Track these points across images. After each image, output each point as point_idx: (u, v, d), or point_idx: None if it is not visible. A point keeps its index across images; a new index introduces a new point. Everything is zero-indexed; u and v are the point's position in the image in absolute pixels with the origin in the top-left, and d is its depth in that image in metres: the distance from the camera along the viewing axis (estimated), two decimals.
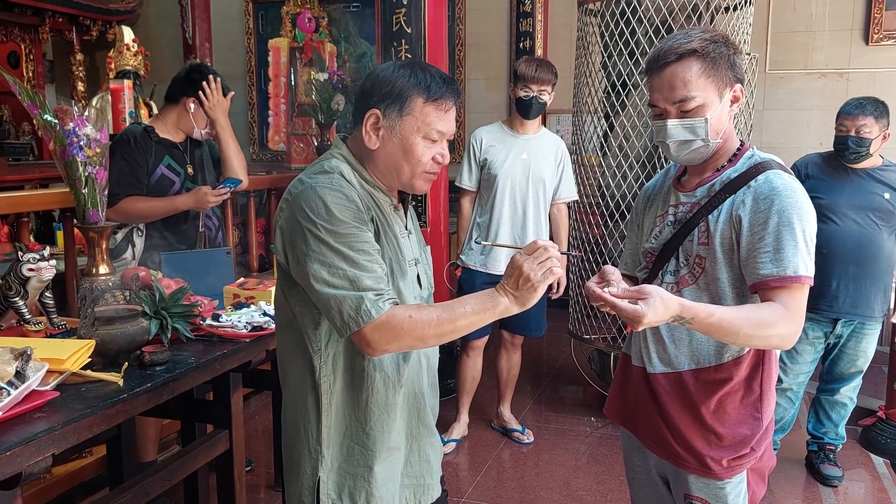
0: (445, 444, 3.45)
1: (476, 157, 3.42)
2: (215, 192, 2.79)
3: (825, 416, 3.24)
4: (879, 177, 2.97)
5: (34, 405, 1.51)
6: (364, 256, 1.33)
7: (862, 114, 2.88)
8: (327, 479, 1.45)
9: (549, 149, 3.42)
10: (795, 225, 1.43)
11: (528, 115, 3.34)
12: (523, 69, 3.29)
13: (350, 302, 1.30)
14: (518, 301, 1.33)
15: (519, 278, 1.31)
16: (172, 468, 2.02)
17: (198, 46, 6.15)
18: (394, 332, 1.31)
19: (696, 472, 1.58)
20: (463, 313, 1.33)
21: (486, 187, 3.41)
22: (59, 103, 1.99)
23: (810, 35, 5.71)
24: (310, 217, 1.33)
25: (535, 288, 1.31)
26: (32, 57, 6.75)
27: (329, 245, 1.32)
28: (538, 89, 3.27)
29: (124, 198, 2.70)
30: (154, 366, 1.79)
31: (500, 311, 1.33)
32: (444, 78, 1.43)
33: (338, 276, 1.31)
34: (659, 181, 1.76)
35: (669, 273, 1.60)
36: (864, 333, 3.08)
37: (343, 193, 1.36)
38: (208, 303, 2.21)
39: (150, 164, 2.77)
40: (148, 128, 2.83)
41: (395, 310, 1.32)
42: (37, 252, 1.94)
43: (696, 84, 1.47)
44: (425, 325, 1.31)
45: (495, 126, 3.48)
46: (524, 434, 3.60)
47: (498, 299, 1.33)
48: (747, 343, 1.46)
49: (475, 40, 6.55)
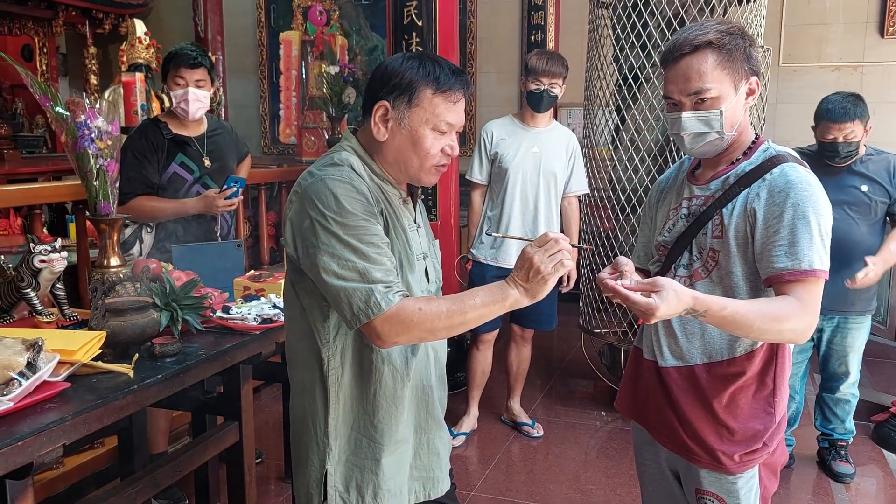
0: (455, 437, 3.45)
1: (487, 150, 3.40)
2: (224, 196, 2.77)
3: (830, 413, 3.22)
4: (858, 169, 2.91)
5: (45, 396, 1.51)
6: (374, 249, 1.33)
7: (848, 120, 2.80)
8: (335, 471, 1.45)
9: (560, 142, 3.40)
10: (811, 218, 1.41)
11: (539, 108, 3.32)
12: (534, 62, 3.27)
13: (360, 294, 1.30)
14: (528, 293, 1.32)
15: (529, 270, 1.30)
16: (182, 460, 2.03)
17: (209, 40, 6.16)
18: (403, 325, 1.31)
19: (707, 467, 1.57)
20: (473, 305, 1.33)
21: (497, 181, 3.40)
22: (72, 96, 1.99)
23: (824, 28, 5.65)
24: (319, 209, 1.33)
25: (546, 280, 1.30)
26: (46, 50, 6.80)
27: (339, 237, 1.32)
28: (549, 82, 3.26)
29: (134, 197, 2.70)
30: (164, 357, 1.80)
31: (510, 303, 1.33)
32: (454, 69, 1.42)
33: (347, 269, 1.31)
34: (672, 174, 1.75)
35: (682, 266, 1.58)
36: (848, 329, 3.05)
37: (353, 186, 1.36)
38: (218, 295, 2.21)
39: (161, 162, 2.77)
40: (161, 124, 2.83)
41: (405, 302, 1.31)
42: (48, 244, 1.95)
43: (712, 76, 1.46)
44: (435, 318, 1.31)
45: (506, 119, 3.46)
46: (534, 428, 3.59)
47: (508, 291, 1.33)
48: (760, 337, 1.45)
49: (486, 33, 6.53)
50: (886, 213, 2.92)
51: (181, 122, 2.85)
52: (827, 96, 2.93)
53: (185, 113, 2.80)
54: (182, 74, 2.77)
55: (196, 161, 2.86)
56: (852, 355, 3.09)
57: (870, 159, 2.94)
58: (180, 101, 2.78)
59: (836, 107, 2.83)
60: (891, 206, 2.91)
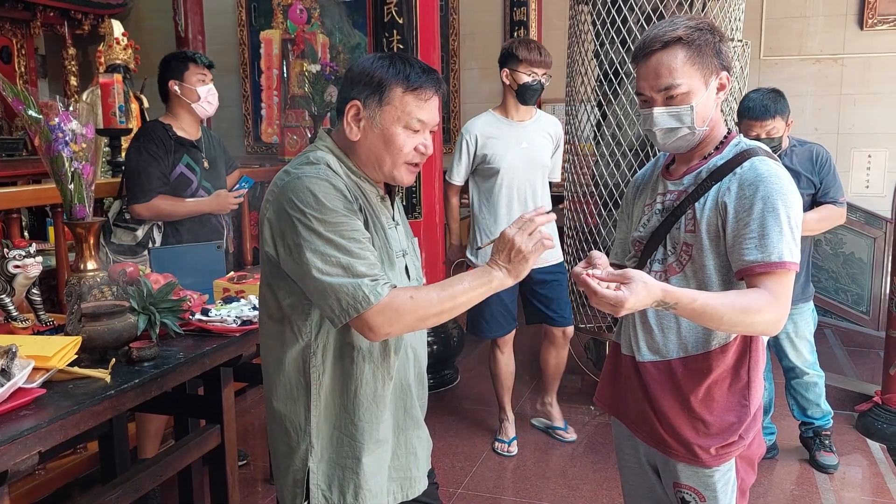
0: (508, 444, 3.38)
1: (471, 152, 3.26)
2: (234, 194, 2.92)
3: (803, 400, 3.23)
4: (783, 164, 2.94)
5: (20, 403, 1.50)
6: (356, 244, 1.34)
7: (770, 116, 2.82)
8: (317, 469, 1.45)
9: (546, 131, 3.32)
10: (780, 211, 1.42)
11: (530, 100, 3.19)
12: (525, 53, 3.10)
13: (347, 289, 1.31)
14: (511, 273, 1.37)
15: (511, 251, 1.35)
16: (163, 464, 2.02)
17: (190, 39, 6.11)
18: (397, 314, 1.32)
19: (684, 461, 1.57)
20: (461, 290, 1.36)
21: (487, 181, 3.27)
22: (52, 98, 1.98)
23: (804, 21, 5.68)
24: (299, 207, 1.34)
25: (527, 259, 1.35)
26: (24, 52, 6.73)
27: (320, 234, 1.32)
28: (542, 73, 3.13)
29: (156, 195, 2.78)
30: (142, 362, 1.78)
31: (495, 285, 1.37)
32: (424, 68, 1.43)
33: (331, 265, 1.31)
34: (648, 171, 1.75)
35: (657, 261, 1.59)
36: (791, 319, 3.06)
37: (330, 183, 1.36)
38: (198, 297, 2.20)
39: (170, 161, 2.84)
40: (166, 125, 2.89)
41: (396, 292, 1.33)
42: (23, 249, 1.93)
43: (682, 72, 1.47)
44: (427, 305, 1.34)
45: (488, 116, 3.31)
46: (566, 431, 3.50)
47: (493, 273, 1.37)
48: (732, 329, 1.46)
49: (469, 30, 6.52)
50: (813, 202, 2.94)
51: (182, 124, 2.91)
52: (747, 93, 2.95)
53: (209, 107, 2.93)
54: (205, 72, 2.91)
55: (198, 163, 2.93)
56: (801, 342, 3.11)
57: (793, 151, 2.96)
58: (208, 96, 2.91)
59: (756, 105, 2.85)
60: (817, 196, 2.94)
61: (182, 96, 2.88)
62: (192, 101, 2.88)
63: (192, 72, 2.88)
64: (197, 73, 2.88)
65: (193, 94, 2.87)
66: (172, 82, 2.88)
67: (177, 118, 2.91)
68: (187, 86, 2.87)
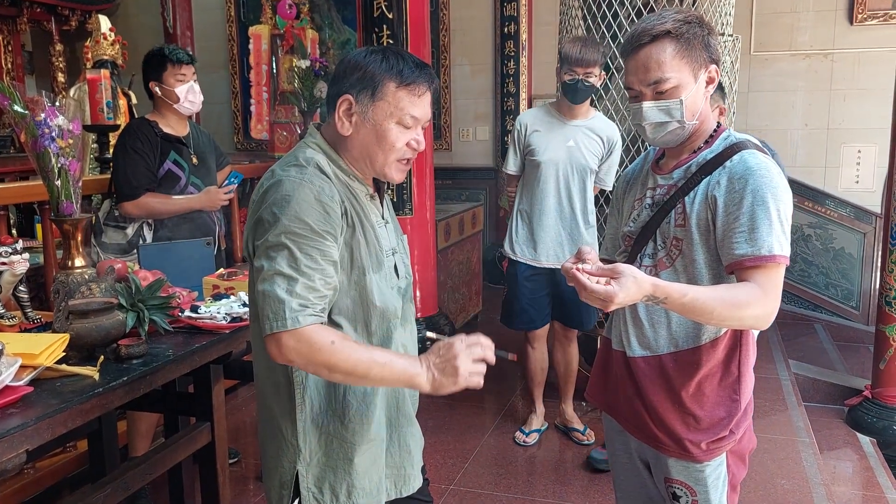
0: (528, 434, 3.39)
1: (520, 141, 3.23)
2: (224, 190, 2.92)
3: None
4: None
5: (7, 401, 1.48)
6: (309, 261, 1.30)
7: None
8: (306, 472, 1.44)
9: (598, 134, 3.20)
10: (770, 204, 1.41)
11: (575, 99, 3.11)
12: (567, 50, 3.05)
13: (273, 303, 1.28)
14: (434, 383, 1.31)
15: (448, 363, 1.29)
16: (153, 462, 2.00)
17: (179, 35, 6.09)
18: (310, 349, 1.27)
19: (675, 456, 1.57)
20: (380, 364, 1.29)
21: (530, 174, 3.23)
22: (39, 94, 1.96)
23: (794, 16, 5.70)
24: (271, 210, 1.33)
25: (457, 381, 1.30)
26: (11, 48, 6.67)
27: (279, 240, 1.30)
28: (584, 72, 3.03)
29: (144, 192, 2.76)
30: (130, 359, 1.76)
31: (412, 382, 1.32)
32: (417, 63, 1.41)
33: (275, 272, 1.29)
34: (638, 165, 1.75)
35: (648, 256, 1.59)
36: None
37: (312, 191, 1.33)
38: (187, 294, 2.18)
39: (157, 158, 2.81)
40: (152, 122, 2.86)
41: (319, 328, 1.29)
42: (9, 245, 1.91)
43: (671, 65, 1.46)
44: (343, 359, 1.28)
45: (541, 109, 3.29)
46: (584, 434, 3.45)
47: (418, 370, 1.31)
48: (722, 323, 1.45)
49: (459, 25, 6.51)
50: None
51: (168, 121, 2.89)
52: None
53: (192, 105, 2.90)
54: (183, 70, 2.85)
55: (186, 160, 2.90)
56: None
57: None
58: (188, 95, 2.86)
59: None
60: None
61: (163, 97, 2.86)
62: (172, 102, 2.86)
63: (169, 73, 2.83)
64: (174, 73, 2.83)
65: (172, 94, 2.84)
66: (153, 83, 2.86)
67: (163, 116, 2.89)
68: (166, 87, 2.84)
